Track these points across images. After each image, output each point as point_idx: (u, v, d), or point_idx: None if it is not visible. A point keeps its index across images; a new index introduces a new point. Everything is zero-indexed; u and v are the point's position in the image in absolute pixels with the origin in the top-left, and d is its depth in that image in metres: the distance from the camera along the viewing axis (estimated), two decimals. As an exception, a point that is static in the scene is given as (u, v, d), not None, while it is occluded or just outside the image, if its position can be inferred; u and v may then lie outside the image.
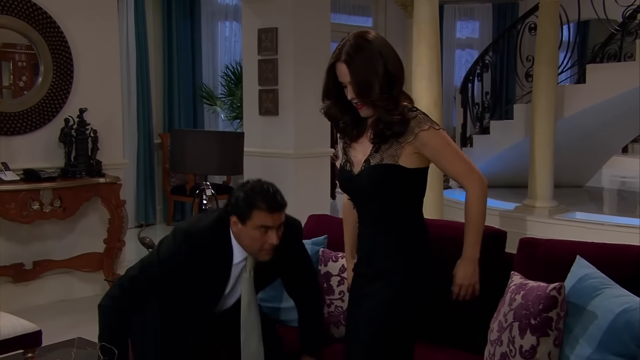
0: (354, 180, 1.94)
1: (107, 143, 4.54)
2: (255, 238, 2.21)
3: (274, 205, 2.21)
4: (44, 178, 4.13)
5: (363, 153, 1.94)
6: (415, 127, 1.88)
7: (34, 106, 4.29)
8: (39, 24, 4.27)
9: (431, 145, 1.89)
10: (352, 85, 1.84)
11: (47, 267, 4.37)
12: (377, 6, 8.79)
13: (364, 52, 1.84)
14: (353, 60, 1.83)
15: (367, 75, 1.83)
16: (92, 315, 4.14)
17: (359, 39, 1.86)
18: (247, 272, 2.29)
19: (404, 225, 1.95)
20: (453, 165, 1.93)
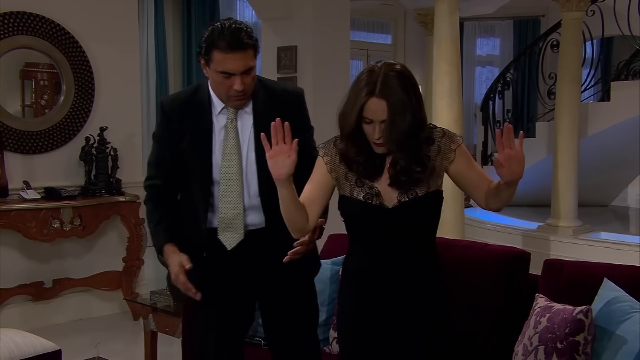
0: (390, 215, 1.76)
1: (127, 161, 4.56)
2: (219, 82, 2.01)
3: (233, 43, 1.93)
4: (65, 196, 4.15)
5: (391, 185, 1.79)
6: (450, 143, 1.79)
7: (56, 125, 4.33)
8: (62, 44, 4.32)
9: (466, 155, 1.82)
10: (388, 123, 1.67)
11: (66, 285, 4.37)
12: (396, 24, 8.79)
13: (404, 87, 1.68)
14: (392, 96, 1.66)
15: (404, 113, 1.67)
16: (111, 334, 4.16)
17: (398, 72, 1.69)
18: (229, 121, 2.09)
19: (434, 254, 1.86)
20: (481, 172, 1.85)
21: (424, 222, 1.80)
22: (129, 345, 3.95)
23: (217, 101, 2.10)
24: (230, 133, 2.08)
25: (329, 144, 1.84)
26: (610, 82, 6.03)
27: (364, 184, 1.79)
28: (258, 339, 2.68)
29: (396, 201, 1.76)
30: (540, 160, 6.07)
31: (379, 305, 1.81)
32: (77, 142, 4.38)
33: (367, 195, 1.78)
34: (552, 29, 6.31)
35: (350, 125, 1.72)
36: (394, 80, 1.67)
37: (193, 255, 2.11)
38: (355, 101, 1.69)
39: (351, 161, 1.78)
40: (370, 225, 1.81)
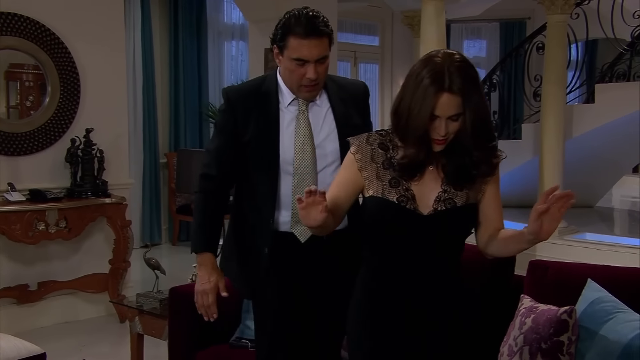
0: (424, 223, 1.64)
1: (113, 163, 4.54)
2: (292, 70, 1.96)
3: (310, 29, 1.90)
4: (50, 198, 4.12)
5: (429, 187, 1.66)
6: (492, 157, 1.67)
7: (41, 126, 4.30)
8: (47, 45, 4.29)
9: (498, 178, 1.71)
10: (468, 120, 1.56)
11: (51, 288, 4.34)
12: (383, 25, 8.82)
13: (472, 77, 1.57)
14: (469, 91, 1.54)
15: (479, 104, 1.56)
16: (97, 336, 4.13)
17: (463, 62, 1.57)
18: (300, 112, 2.03)
19: (459, 266, 1.75)
20: (500, 207, 1.74)
21: (458, 235, 1.68)
22: (115, 348, 3.93)
23: (287, 92, 2.04)
24: (302, 124, 2.02)
25: (360, 139, 1.72)
26: (594, 85, 6.09)
27: (400, 185, 1.65)
28: (245, 341, 2.68)
29: (432, 209, 1.64)
30: (527, 161, 6.12)
31: (402, 315, 1.67)
32: (62, 144, 4.34)
33: (401, 197, 1.64)
34: (537, 31, 6.36)
35: (421, 128, 1.57)
36: (462, 70, 1.55)
37: (253, 252, 2.07)
38: (424, 99, 1.54)
39: (412, 169, 1.65)
40: (400, 232, 1.66)
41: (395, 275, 1.67)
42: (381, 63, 8.85)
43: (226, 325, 2.74)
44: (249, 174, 2.07)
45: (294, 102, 2.04)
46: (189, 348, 2.70)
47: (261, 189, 2.04)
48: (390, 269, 1.68)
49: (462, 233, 1.69)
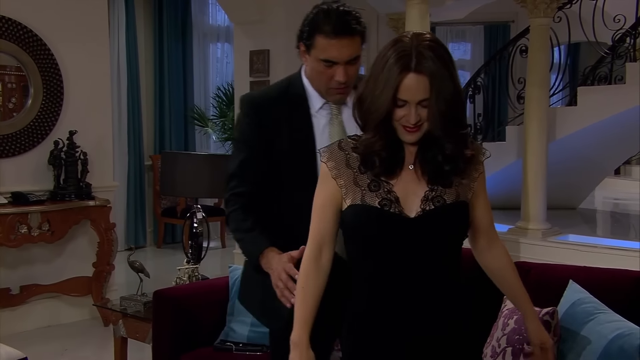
0: (412, 226, 1.46)
1: (97, 165, 4.51)
2: (319, 71, 1.77)
3: (339, 27, 1.70)
4: (33, 201, 4.09)
5: (413, 188, 1.49)
6: (479, 153, 1.56)
7: (23, 128, 4.26)
8: (29, 46, 4.26)
9: (484, 177, 1.60)
10: (432, 100, 1.39)
11: (34, 291, 4.30)
12: (369, 27, 8.78)
13: (442, 58, 1.41)
14: (437, 72, 1.39)
15: (448, 86, 1.40)
16: (80, 340, 4.10)
17: (433, 42, 1.42)
18: (333, 116, 1.83)
19: (459, 271, 1.58)
20: (488, 207, 1.63)
21: (453, 236, 1.51)
22: (99, 352, 3.90)
23: (316, 95, 1.84)
24: (335, 129, 1.82)
25: (331, 147, 1.56)
26: (577, 87, 6.15)
27: (380, 187, 1.48)
28: (229, 344, 2.68)
29: (419, 210, 1.47)
30: (510, 163, 6.16)
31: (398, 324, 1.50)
32: (45, 146, 4.31)
33: (383, 201, 1.47)
34: (520, 34, 6.41)
35: (382, 111, 1.41)
36: (431, 50, 1.40)
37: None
38: (387, 81, 1.39)
39: (371, 157, 1.47)
40: (386, 239, 1.47)
41: (387, 286, 1.49)
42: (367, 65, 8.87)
43: (211, 328, 2.74)
44: (280, 189, 1.84)
45: (325, 106, 1.84)
46: (173, 351, 2.69)
47: (296, 206, 1.74)
48: (380, 280, 1.49)
49: (455, 233, 1.51)
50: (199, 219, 3.60)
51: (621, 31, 5.57)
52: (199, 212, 3.63)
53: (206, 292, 2.85)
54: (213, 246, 5.79)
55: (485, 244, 1.66)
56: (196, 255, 3.52)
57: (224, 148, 7.18)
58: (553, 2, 5.47)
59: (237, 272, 2.84)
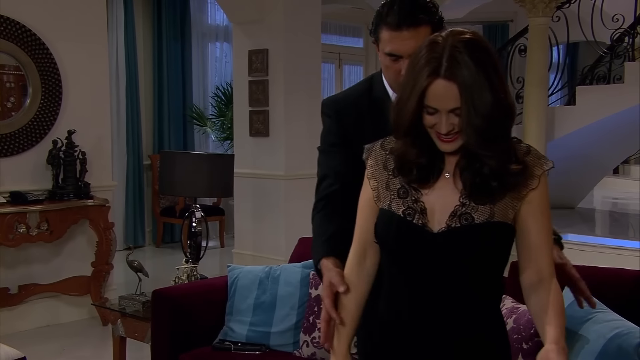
0: (433, 242, 1.30)
1: (95, 165, 4.51)
2: (387, 66, 1.65)
3: (403, 18, 1.55)
4: (31, 201, 4.08)
5: (445, 200, 1.32)
6: (536, 166, 1.32)
7: (22, 128, 4.26)
8: (28, 46, 4.25)
9: (545, 193, 1.34)
10: (464, 110, 1.24)
11: (33, 291, 4.29)
12: (368, 27, 8.85)
13: (478, 61, 1.24)
14: (469, 79, 1.23)
15: (482, 93, 1.23)
16: (79, 340, 4.10)
17: (470, 42, 1.25)
18: None
19: (497, 301, 1.40)
20: (544, 234, 1.35)
21: (480, 260, 1.30)
22: (98, 351, 3.89)
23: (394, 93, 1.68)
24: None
25: (375, 144, 1.44)
26: (575, 87, 6.16)
27: (408, 195, 1.34)
28: (228, 343, 2.68)
29: (444, 225, 1.30)
30: (509, 163, 6.18)
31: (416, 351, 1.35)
32: (44, 146, 4.30)
33: (408, 210, 1.33)
34: (519, 34, 6.41)
35: (407, 118, 1.28)
36: (467, 53, 1.23)
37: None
38: (414, 86, 1.26)
39: (407, 165, 1.34)
40: (405, 251, 1.34)
41: (410, 300, 1.35)
42: (365, 65, 8.88)
43: (209, 327, 2.73)
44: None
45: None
46: (171, 351, 2.69)
47: None
48: (403, 292, 1.36)
49: (482, 258, 1.30)
50: (197, 218, 3.60)
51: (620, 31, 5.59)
52: (198, 212, 3.63)
53: (205, 291, 2.85)
54: (212, 246, 5.79)
55: (532, 279, 1.35)
56: (195, 254, 3.52)
57: (222, 147, 7.18)
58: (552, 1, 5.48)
59: (236, 271, 2.84)
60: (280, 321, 2.68)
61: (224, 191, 4.03)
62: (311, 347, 2.57)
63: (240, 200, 5.35)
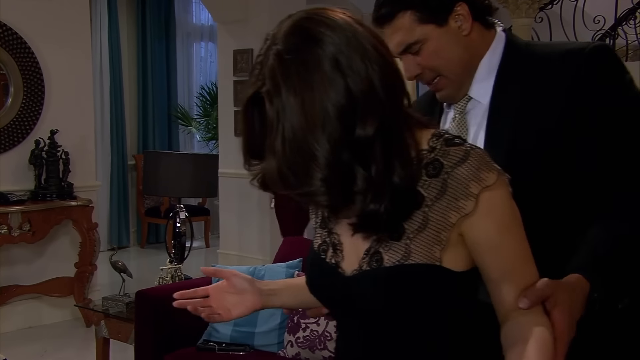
0: (345, 286, 1.02)
1: (79, 165, 4.47)
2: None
3: (376, 15, 1.26)
4: (13, 201, 4.04)
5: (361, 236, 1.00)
6: (470, 180, 0.94)
7: (3, 128, 4.21)
8: (9, 44, 4.21)
9: (492, 221, 0.95)
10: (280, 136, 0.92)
11: (15, 292, 4.25)
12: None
13: (287, 77, 0.91)
14: (276, 91, 0.91)
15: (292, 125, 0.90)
16: (62, 341, 4.07)
17: (293, 40, 0.91)
18: (456, 112, 1.32)
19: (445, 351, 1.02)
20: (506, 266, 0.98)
21: (395, 312, 0.98)
22: (81, 353, 3.87)
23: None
24: (455, 127, 1.32)
25: None
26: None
27: (326, 225, 1.07)
28: (212, 344, 2.67)
29: (357, 267, 1.00)
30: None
31: None
32: (26, 146, 4.26)
33: (323, 244, 1.07)
34: (503, 34, 6.45)
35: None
36: (277, 56, 0.91)
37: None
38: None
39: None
40: (320, 293, 1.09)
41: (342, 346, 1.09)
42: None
43: (194, 328, 2.73)
44: None
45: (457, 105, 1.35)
46: (155, 351, 2.68)
47: None
48: (339, 341, 1.11)
49: (399, 310, 0.97)
50: (182, 218, 3.58)
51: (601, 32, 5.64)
52: (183, 212, 3.62)
53: (189, 292, 2.84)
54: (196, 246, 5.77)
55: (500, 319, 1.01)
56: (179, 255, 3.50)
57: (207, 147, 7.15)
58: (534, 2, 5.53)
59: (220, 271, 2.83)
60: (265, 321, 2.68)
61: (208, 191, 4.02)
62: (296, 347, 2.58)
63: (225, 200, 5.33)
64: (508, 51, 1.29)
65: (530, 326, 0.95)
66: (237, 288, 1.24)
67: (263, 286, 1.25)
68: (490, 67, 1.28)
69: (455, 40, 1.25)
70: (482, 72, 1.28)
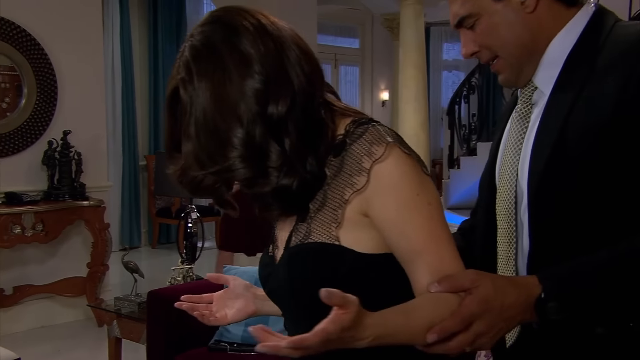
0: (278, 275, 1.02)
1: (91, 165, 4.49)
2: None
3: None
4: (26, 201, 4.06)
5: (290, 220, 1.02)
6: (363, 155, 0.93)
7: (17, 128, 4.24)
8: (23, 46, 4.24)
9: (392, 191, 0.92)
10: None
11: (27, 292, 4.27)
12: (363, 28, 8.86)
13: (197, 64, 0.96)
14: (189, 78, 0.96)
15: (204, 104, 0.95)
16: (74, 341, 4.09)
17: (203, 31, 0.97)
18: (523, 105, 1.13)
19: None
20: (411, 244, 0.92)
21: (300, 294, 0.96)
22: (93, 352, 3.88)
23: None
24: (515, 128, 1.13)
25: None
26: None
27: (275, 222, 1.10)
28: (224, 344, 2.67)
29: (282, 253, 1.02)
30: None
31: None
32: (39, 146, 4.29)
33: (271, 239, 1.09)
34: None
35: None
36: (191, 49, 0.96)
37: None
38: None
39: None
40: (265, 287, 1.09)
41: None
42: (361, 65, 8.89)
43: (205, 328, 2.73)
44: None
45: (520, 92, 1.16)
46: (167, 351, 2.68)
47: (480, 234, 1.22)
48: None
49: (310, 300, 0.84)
50: (193, 219, 3.59)
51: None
52: (194, 212, 3.62)
53: (201, 292, 2.82)
54: (208, 246, 5.78)
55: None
56: (191, 255, 3.51)
57: (218, 148, 7.15)
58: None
59: (231, 272, 2.83)
60: (276, 322, 2.66)
61: (219, 192, 4.03)
62: (307, 348, 2.57)
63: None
64: (587, 33, 1.06)
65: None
66: (235, 293, 1.25)
67: (259, 292, 1.24)
68: (561, 51, 1.07)
69: (514, 17, 1.06)
70: (550, 57, 1.08)
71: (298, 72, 0.94)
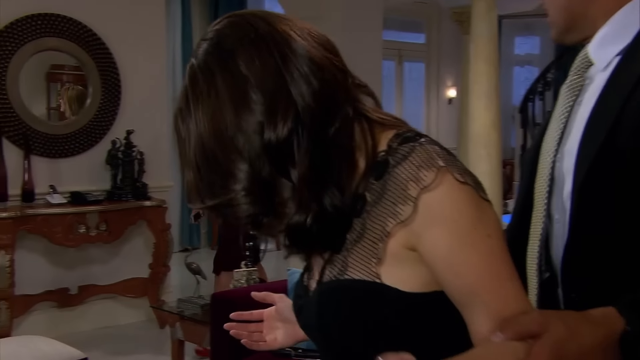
0: (306, 309, 0.92)
1: (153, 165, 4.47)
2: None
3: None
4: (90, 201, 4.07)
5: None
6: (409, 180, 0.79)
7: (82, 128, 4.26)
8: (89, 46, 4.25)
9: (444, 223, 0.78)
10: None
11: (92, 292, 4.28)
12: (430, 22, 8.59)
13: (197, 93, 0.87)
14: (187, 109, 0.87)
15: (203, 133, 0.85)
16: (137, 342, 4.04)
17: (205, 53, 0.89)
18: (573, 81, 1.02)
19: None
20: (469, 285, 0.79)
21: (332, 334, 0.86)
22: (156, 355, 3.83)
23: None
24: (562, 100, 1.02)
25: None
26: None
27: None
28: (288, 349, 2.55)
29: (315, 285, 0.90)
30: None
31: None
32: (103, 146, 4.29)
33: (307, 266, 0.96)
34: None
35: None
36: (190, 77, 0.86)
37: None
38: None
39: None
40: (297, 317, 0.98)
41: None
42: (427, 62, 8.62)
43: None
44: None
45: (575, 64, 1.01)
46: (232, 355, 2.58)
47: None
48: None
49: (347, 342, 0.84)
50: (256, 219, 3.48)
51: None
52: (257, 212, 3.51)
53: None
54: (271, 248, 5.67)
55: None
56: (254, 257, 3.40)
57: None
58: None
59: (296, 274, 2.69)
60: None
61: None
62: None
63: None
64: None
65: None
66: (282, 316, 1.11)
67: None
68: (626, 23, 0.92)
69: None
70: (611, 28, 0.94)
71: (303, 91, 0.80)
